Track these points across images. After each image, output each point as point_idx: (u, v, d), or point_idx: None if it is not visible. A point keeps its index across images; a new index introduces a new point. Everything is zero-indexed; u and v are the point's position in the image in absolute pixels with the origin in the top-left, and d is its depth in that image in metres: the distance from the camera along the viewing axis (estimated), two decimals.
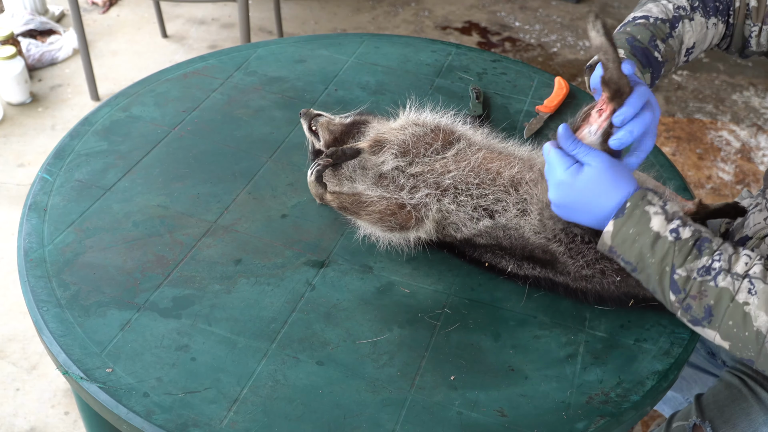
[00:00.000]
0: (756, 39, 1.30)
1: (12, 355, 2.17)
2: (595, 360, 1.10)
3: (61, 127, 3.00)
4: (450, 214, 1.19)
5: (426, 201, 1.19)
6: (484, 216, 1.18)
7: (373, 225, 1.21)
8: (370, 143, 1.25)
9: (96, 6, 3.80)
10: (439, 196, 1.19)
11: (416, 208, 1.19)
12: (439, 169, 1.21)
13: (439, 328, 1.14)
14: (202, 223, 1.29)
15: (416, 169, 1.22)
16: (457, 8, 3.97)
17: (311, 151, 1.38)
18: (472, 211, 1.18)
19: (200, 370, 1.06)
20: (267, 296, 1.17)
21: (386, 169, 1.23)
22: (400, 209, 1.20)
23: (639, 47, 1.21)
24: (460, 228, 1.20)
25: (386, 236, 1.22)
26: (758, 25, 1.28)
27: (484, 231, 1.18)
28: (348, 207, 1.21)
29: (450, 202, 1.19)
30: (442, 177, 1.20)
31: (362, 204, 1.20)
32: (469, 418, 1.01)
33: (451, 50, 1.82)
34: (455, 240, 1.22)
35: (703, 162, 3.01)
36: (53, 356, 1.07)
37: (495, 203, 1.18)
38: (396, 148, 1.24)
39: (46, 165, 1.39)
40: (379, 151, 1.23)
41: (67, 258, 1.21)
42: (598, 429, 1.01)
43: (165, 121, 1.52)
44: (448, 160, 1.22)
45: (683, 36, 1.28)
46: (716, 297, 0.99)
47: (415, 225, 1.20)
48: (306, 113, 1.38)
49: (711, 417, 1.32)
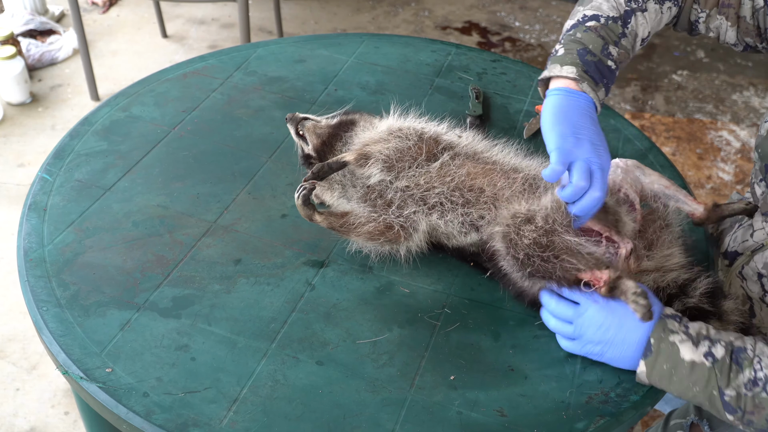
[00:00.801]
0: (704, 25, 1.30)
1: (12, 355, 2.17)
2: (595, 360, 1.10)
3: (61, 127, 3.00)
4: (439, 228, 1.21)
5: (414, 218, 1.20)
6: (471, 230, 1.19)
7: (364, 243, 1.22)
8: (356, 156, 1.24)
9: (96, 6, 3.80)
10: (427, 212, 1.20)
11: (404, 227, 1.20)
12: (424, 185, 1.21)
13: (439, 328, 1.14)
14: (202, 223, 1.29)
15: (403, 183, 1.22)
16: (457, 8, 3.97)
17: (301, 155, 1.37)
18: (460, 226, 1.19)
19: (200, 369, 1.06)
20: (267, 296, 1.17)
21: (373, 183, 1.23)
22: (388, 230, 1.20)
23: (591, 62, 1.16)
24: (451, 239, 1.21)
25: (378, 250, 1.23)
26: (705, 11, 1.27)
27: (473, 242, 1.20)
28: (337, 229, 1.21)
29: (438, 218, 1.20)
30: (428, 194, 1.20)
31: (351, 225, 1.21)
32: (468, 418, 1.02)
33: (450, 50, 1.82)
34: (447, 246, 1.23)
35: (703, 162, 3.01)
36: (53, 356, 1.07)
37: (479, 219, 1.18)
38: (381, 163, 1.23)
39: (46, 165, 1.39)
40: (365, 164, 1.23)
41: (67, 258, 1.21)
42: (597, 429, 1.01)
43: (165, 121, 1.52)
44: (433, 175, 1.21)
45: (637, 30, 1.23)
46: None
47: (404, 240, 1.21)
48: (292, 118, 1.36)
49: (708, 415, 1.32)
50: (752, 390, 0.98)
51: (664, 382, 1.02)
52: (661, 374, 1.02)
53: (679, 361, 1.00)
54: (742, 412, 0.99)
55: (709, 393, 1.00)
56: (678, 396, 1.03)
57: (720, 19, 1.26)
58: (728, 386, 0.99)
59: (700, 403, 1.03)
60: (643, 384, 1.06)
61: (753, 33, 1.25)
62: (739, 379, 0.99)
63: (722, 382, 0.99)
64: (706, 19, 1.28)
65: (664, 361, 1.01)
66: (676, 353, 1.01)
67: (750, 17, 1.24)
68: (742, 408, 0.99)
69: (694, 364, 1.00)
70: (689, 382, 1.00)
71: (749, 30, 1.25)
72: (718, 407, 1.00)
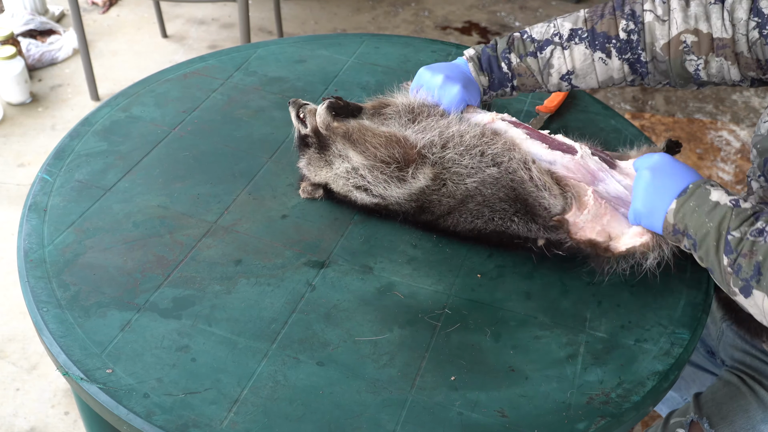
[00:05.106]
0: (705, 72, 1.27)
1: (12, 355, 2.17)
2: (596, 360, 1.10)
3: (61, 127, 3.00)
4: (454, 164, 1.22)
5: (432, 142, 1.23)
6: (491, 165, 1.21)
7: (374, 155, 1.23)
8: (375, 103, 1.31)
9: (96, 6, 3.80)
10: (444, 143, 1.23)
11: (420, 149, 1.23)
12: (443, 125, 1.26)
13: (440, 329, 1.14)
14: (203, 224, 1.29)
15: (420, 125, 1.27)
16: (457, 8, 3.97)
17: (297, 137, 1.38)
18: (480, 156, 1.22)
19: (200, 370, 1.05)
20: (267, 297, 1.17)
21: (389, 124, 1.28)
22: (406, 139, 1.23)
23: (487, 54, 1.35)
24: (464, 180, 1.21)
25: (379, 184, 1.23)
26: (702, 57, 1.25)
27: (490, 181, 1.20)
28: (353, 133, 1.22)
29: (454, 148, 1.22)
30: (447, 130, 1.25)
31: (368, 129, 1.23)
32: (469, 419, 1.01)
33: (450, 50, 1.82)
34: (441, 209, 1.24)
35: (703, 162, 3.01)
36: (53, 357, 1.07)
37: (500, 155, 1.22)
38: (401, 107, 1.30)
39: (46, 165, 1.39)
40: (383, 112, 1.30)
41: (67, 258, 1.20)
42: (598, 429, 1.01)
43: (165, 121, 1.52)
44: (451, 121, 1.28)
45: (551, 60, 1.32)
46: (765, 254, 0.99)
47: (415, 164, 1.22)
48: (294, 102, 1.39)
49: (709, 414, 1.32)
50: (756, 237, 1.01)
51: (686, 219, 1.07)
52: (685, 211, 1.07)
53: (707, 201, 1.06)
54: (736, 255, 1.01)
55: (720, 232, 1.03)
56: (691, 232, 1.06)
57: (719, 60, 1.25)
58: (737, 228, 1.02)
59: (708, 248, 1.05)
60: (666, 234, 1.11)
61: (754, 66, 1.25)
62: (750, 227, 1.01)
63: (734, 223, 1.02)
64: (705, 66, 1.26)
65: (693, 200, 1.07)
66: (707, 195, 1.06)
67: (747, 51, 1.23)
68: (738, 251, 1.01)
69: (718, 204, 1.05)
70: (707, 218, 1.04)
71: (749, 64, 1.25)
72: (720, 249, 1.03)
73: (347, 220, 1.31)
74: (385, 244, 1.27)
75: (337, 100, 1.30)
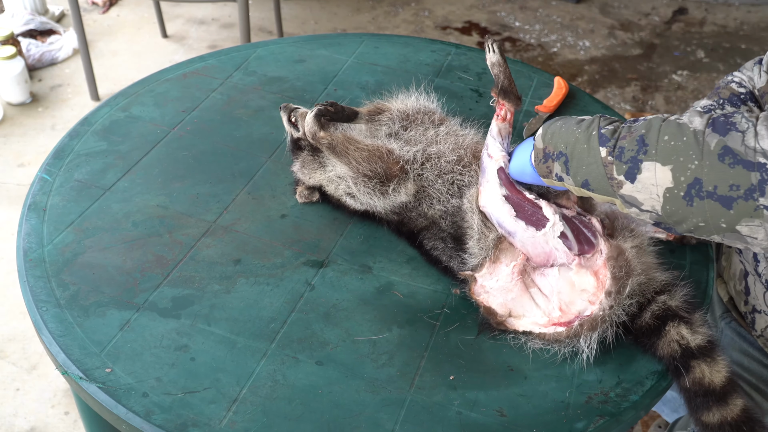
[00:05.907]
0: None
1: (12, 355, 2.17)
2: (595, 360, 1.10)
3: (61, 127, 3.01)
4: (429, 184, 1.22)
5: (414, 157, 1.24)
6: (456, 194, 1.21)
7: (357, 169, 1.23)
8: (370, 108, 1.32)
9: (96, 6, 3.80)
10: (424, 160, 1.24)
11: (404, 164, 1.24)
12: (430, 138, 1.27)
13: (439, 328, 1.14)
14: (202, 223, 1.29)
15: (410, 133, 1.29)
16: (457, 8, 3.97)
17: (290, 140, 1.38)
18: (450, 185, 1.22)
19: (199, 370, 1.06)
20: (266, 296, 1.17)
21: (381, 131, 1.30)
22: (390, 153, 1.24)
23: None
24: (434, 204, 1.22)
25: (363, 195, 1.24)
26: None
27: (451, 211, 1.21)
28: (337, 146, 1.22)
29: (432, 169, 1.23)
30: (431, 147, 1.26)
31: (352, 142, 1.24)
32: (468, 418, 1.01)
33: (450, 50, 1.82)
34: (416, 226, 1.24)
35: None
36: (53, 356, 1.07)
37: (468, 186, 1.22)
38: (396, 113, 1.32)
39: (45, 165, 1.39)
40: (377, 118, 1.32)
41: (67, 258, 1.21)
42: (597, 429, 1.01)
43: (164, 121, 1.52)
44: (439, 133, 1.28)
45: None
46: (646, 126, 0.97)
47: (398, 178, 1.23)
48: (286, 106, 1.39)
49: None
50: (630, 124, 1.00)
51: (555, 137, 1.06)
52: (553, 131, 1.07)
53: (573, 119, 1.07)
54: (615, 140, 0.99)
55: (590, 133, 1.02)
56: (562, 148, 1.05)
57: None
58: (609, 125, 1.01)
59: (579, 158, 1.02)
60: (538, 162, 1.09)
61: None
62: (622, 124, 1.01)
63: (603, 122, 1.02)
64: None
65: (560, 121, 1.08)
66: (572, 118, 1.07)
67: None
68: (616, 137, 0.99)
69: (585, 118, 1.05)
70: (576, 128, 1.04)
71: None
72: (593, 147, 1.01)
73: (346, 220, 1.31)
74: (384, 244, 1.27)
75: (329, 106, 1.28)
